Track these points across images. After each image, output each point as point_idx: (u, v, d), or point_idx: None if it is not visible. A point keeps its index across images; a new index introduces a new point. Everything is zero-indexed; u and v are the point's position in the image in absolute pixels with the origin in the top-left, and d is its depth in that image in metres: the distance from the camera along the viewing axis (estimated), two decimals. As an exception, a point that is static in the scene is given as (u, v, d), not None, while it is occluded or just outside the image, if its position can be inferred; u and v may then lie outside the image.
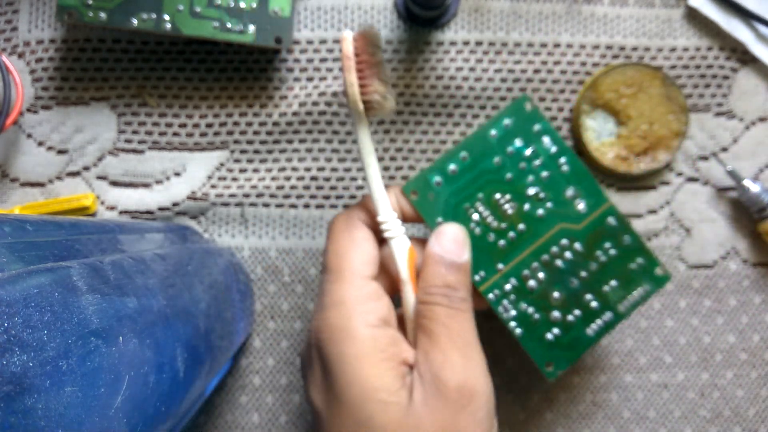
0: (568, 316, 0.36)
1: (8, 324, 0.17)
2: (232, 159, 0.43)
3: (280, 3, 0.39)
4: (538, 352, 0.36)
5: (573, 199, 0.37)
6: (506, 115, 0.37)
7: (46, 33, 0.43)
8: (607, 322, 0.37)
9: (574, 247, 0.37)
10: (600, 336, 0.37)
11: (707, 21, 0.43)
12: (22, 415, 0.16)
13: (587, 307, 0.37)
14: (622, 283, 0.37)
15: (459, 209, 0.36)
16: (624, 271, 0.37)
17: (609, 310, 0.37)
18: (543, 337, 0.36)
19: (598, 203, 0.37)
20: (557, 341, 0.36)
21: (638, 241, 0.37)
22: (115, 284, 0.23)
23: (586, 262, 0.37)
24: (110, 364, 0.20)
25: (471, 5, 0.43)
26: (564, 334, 0.36)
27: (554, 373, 0.36)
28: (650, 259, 0.37)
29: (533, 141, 0.37)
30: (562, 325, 0.36)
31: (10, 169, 0.43)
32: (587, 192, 0.37)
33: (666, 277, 0.37)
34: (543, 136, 0.37)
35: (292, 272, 0.43)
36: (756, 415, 0.43)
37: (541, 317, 0.36)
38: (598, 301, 0.37)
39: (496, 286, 0.36)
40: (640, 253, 0.37)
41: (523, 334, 0.36)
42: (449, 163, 0.36)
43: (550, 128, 0.37)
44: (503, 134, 0.37)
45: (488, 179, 0.36)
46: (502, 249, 0.36)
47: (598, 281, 0.37)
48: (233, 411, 0.43)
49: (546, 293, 0.36)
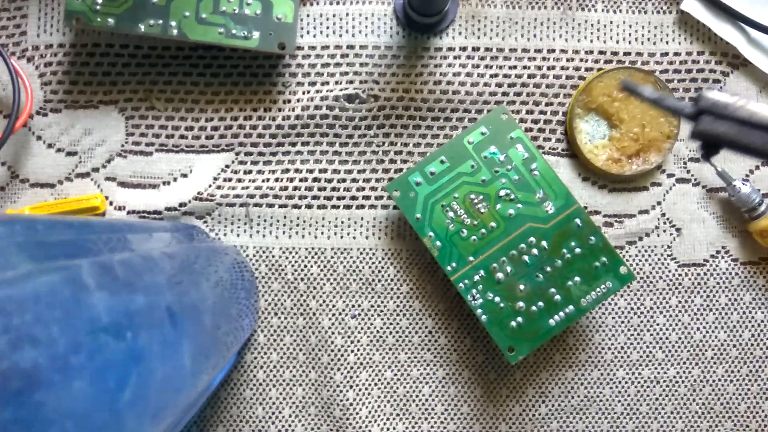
0: (531, 307, 0.40)
1: (19, 321, 0.17)
2: (237, 161, 0.44)
3: (283, 9, 0.40)
4: (502, 338, 0.40)
5: (542, 201, 0.40)
6: (483, 123, 0.41)
7: (54, 37, 0.44)
8: (568, 315, 0.40)
9: (540, 244, 0.40)
10: (561, 327, 0.40)
11: (699, 25, 0.44)
12: (32, 410, 0.17)
13: (550, 300, 0.40)
14: (585, 280, 0.40)
15: (436, 207, 0.40)
16: (588, 268, 0.40)
17: (571, 303, 0.40)
18: (507, 324, 0.40)
19: (566, 205, 0.40)
20: (520, 329, 0.40)
21: (603, 241, 0.40)
22: (124, 282, 0.23)
23: (551, 259, 0.40)
24: (119, 359, 0.20)
25: (468, 12, 0.44)
26: (527, 323, 0.40)
27: (515, 357, 0.39)
28: (615, 259, 0.40)
29: (507, 148, 0.40)
30: (526, 315, 0.40)
31: (20, 170, 0.43)
32: (556, 195, 0.40)
33: (629, 275, 0.40)
34: (517, 143, 0.41)
35: (295, 270, 0.44)
36: (747, 410, 0.44)
37: (506, 306, 0.40)
38: (561, 295, 0.40)
39: (466, 277, 0.40)
40: (605, 252, 0.40)
41: (488, 320, 0.40)
42: (429, 165, 0.40)
43: (524, 136, 0.41)
44: (479, 141, 0.41)
45: (464, 181, 0.40)
46: (474, 244, 0.40)
47: (563, 276, 0.40)
48: (238, 405, 0.43)
49: (512, 285, 0.40)
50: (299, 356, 0.44)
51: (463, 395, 0.44)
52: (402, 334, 0.43)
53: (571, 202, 0.40)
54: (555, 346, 0.44)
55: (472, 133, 0.41)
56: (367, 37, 0.44)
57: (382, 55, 0.44)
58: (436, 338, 0.44)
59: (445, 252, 0.40)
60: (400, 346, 0.44)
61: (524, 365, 0.44)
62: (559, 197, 0.40)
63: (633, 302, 0.44)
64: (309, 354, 0.44)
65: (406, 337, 0.43)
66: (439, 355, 0.44)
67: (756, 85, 0.44)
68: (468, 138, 0.41)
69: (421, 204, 0.40)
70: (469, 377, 0.44)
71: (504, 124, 0.41)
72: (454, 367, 0.44)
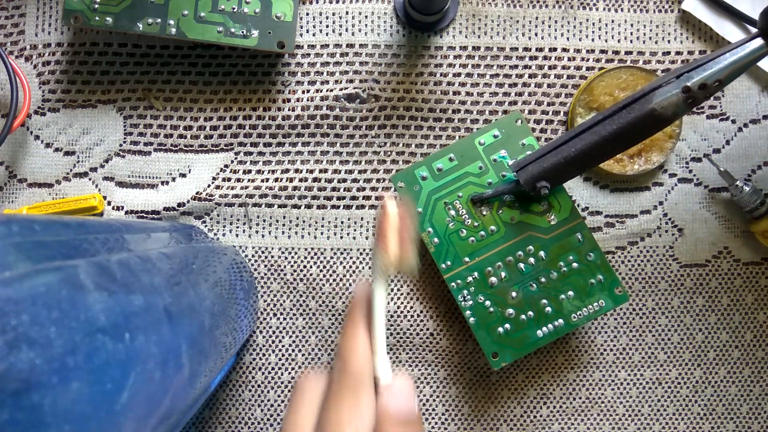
0: (521, 316, 0.40)
1: (16, 321, 0.17)
2: (236, 160, 0.44)
3: (282, 8, 0.40)
4: (487, 342, 0.39)
5: (545, 211, 0.40)
6: (497, 126, 0.41)
7: (53, 36, 0.43)
8: (557, 328, 0.40)
9: (538, 254, 0.40)
10: (547, 339, 0.39)
11: (701, 24, 0.44)
12: (29, 411, 0.16)
13: (541, 311, 0.40)
14: (578, 295, 0.40)
15: (438, 203, 0.40)
16: (583, 284, 0.40)
17: (561, 317, 0.40)
18: (494, 329, 0.39)
19: (570, 219, 0.40)
20: (507, 336, 0.39)
21: (602, 260, 0.40)
22: (122, 282, 0.23)
23: (547, 270, 0.40)
24: (117, 360, 0.20)
25: (468, 10, 0.44)
26: (514, 331, 0.39)
27: (498, 363, 0.39)
28: (611, 278, 0.40)
29: (518, 153, 0.40)
30: (514, 323, 0.39)
31: (18, 169, 0.43)
32: (561, 207, 0.40)
33: (624, 297, 0.40)
34: (528, 150, 0.40)
35: (294, 270, 0.44)
36: (749, 411, 0.44)
37: (496, 311, 0.40)
38: (553, 308, 0.40)
39: (459, 277, 0.40)
40: (602, 270, 0.40)
41: (476, 323, 0.40)
42: (437, 161, 0.40)
43: (536, 144, 0.40)
44: (491, 143, 0.40)
45: (470, 181, 0.40)
46: (471, 245, 0.40)
47: (556, 289, 0.40)
48: (237, 406, 0.43)
49: (505, 291, 0.40)
50: (298, 357, 0.43)
51: (465, 396, 0.43)
52: (403, 335, 0.43)
53: (575, 216, 0.40)
54: (556, 348, 0.44)
55: (485, 134, 0.40)
56: (367, 36, 0.44)
57: (382, 54, 0.43)
58: (438, 340, 0.43)
59: (442, 249, 0.40)
60: (401, 346, 0.43)
61: (526, 366, 0.44)
62: (563, 209, 0.40)
63: (635, 303, 0.44)
64: (308, 355, 0.43)
65: (407, 337, 0.43)
66: (440, 356, 0.43)
67: (757, 84, 0.44)
68: (480, 139, 0.40)
69: (424, 198, 0.40)
70: (470, 379, 0.43)
71: (517, 130, 0.41)
72: (455, 368, 0.43)
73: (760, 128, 0.44)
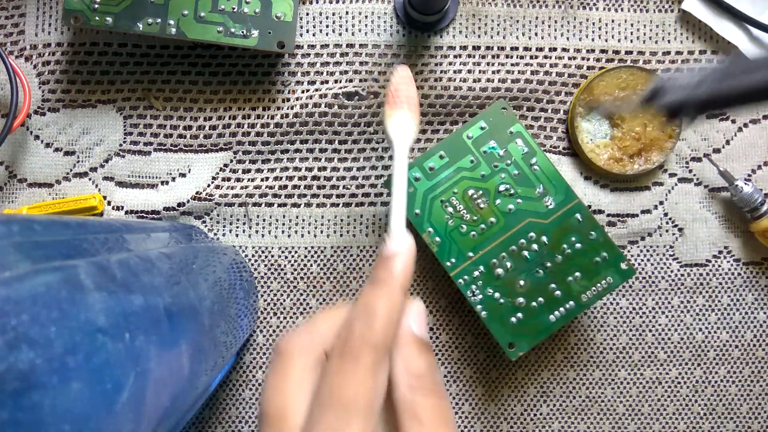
0: (532, 303, 0.39)
1: (16, 321, 0.17)
2: (235, 160, 0.44)
3: (282, 8, 0.40)
4: (502, 334, 0.39)
5: (542, 196, 0.40)
6: (482, 118, 0.40)
7: (52, 36, 0.43)
8: (569, 310, 0.40)
9: (540, 239, 0.40)
10: (561, 323, 0.39)
11: (700, 24, 0.44)
12: (29, 411, 0.16)
13: (551, 296, 0.40)
14: (585, 275, 0.39)
15: (435, 202, 0.40)
16: (589, 263, 0.40)
17: (571, 299, 0.39)
18: (507, 320, 0.39)
19: (566, 200, 0.40)
20: (520, 325, 0.39)
21: (604, 236, 0.40)
22: (122, 282, 0.23)
23: (551, 254, 0.40)
24: (117, 360, 0.20)
25: (468, 10, 0.44)
26: (527, 319, 0.39)
27: (515, 353, 0.39)
28: (615, 254, 0.40)
29: (507, 142, 0.40)
30: (526, 311, 0.39)
31: (18, 169, 0.43)
32: (556, 189, 0.40)
33: (630, 271, 0.40)
34: (516, 138, 0.40)
35: (294, 269, 0.44)
36: (749, 410, 0.44)
37: (506, 302, 0.39)
38: (562, 291, 0.40)
39: (466, 272, 0.40)
40: (606, 247, 0.40)
41: (488, 316, 0.39)
42: (428, 161, 0.40)
43: (523, 131, 0.40)
44: (478, 135, 0.40)
45: (463, 176, 0.40)
46: (473, 239, 0.40)
47: (563, 272, 0.40)
48: (237, 406, 0.43)
49: (512, 281, 0.39)
50: (299, 357, 0.43)
51: (465, 394, 0.44)
52: (402, 335, 0.43)
53: (572, 197, 0.40)
54: (557, 346, 0.44)
55: (472, 127, 0.40)
56: (367, 36, 0.44)
57: (382, 54, 0.43)
58: (437, 335, 0.43)
59: (445, 247, 0.40)
60: (400, 346, 0.43)
61: (526, 364, 0.44)
62: (559, 192, 0.40)
63: (635, 302, 0.44)
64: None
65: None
66: (440, 353, 0.43)
67: (758, 83, 0.44)
68: (467, 133, 0.40)
69: (420, 199, 0.40)
70: (470, 375, 0.43)
71: (504, 119, 0.40)
72: (455, 365, 0.43)
73: (760, 128, 0.44)
